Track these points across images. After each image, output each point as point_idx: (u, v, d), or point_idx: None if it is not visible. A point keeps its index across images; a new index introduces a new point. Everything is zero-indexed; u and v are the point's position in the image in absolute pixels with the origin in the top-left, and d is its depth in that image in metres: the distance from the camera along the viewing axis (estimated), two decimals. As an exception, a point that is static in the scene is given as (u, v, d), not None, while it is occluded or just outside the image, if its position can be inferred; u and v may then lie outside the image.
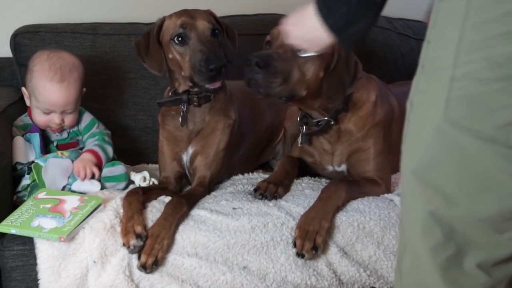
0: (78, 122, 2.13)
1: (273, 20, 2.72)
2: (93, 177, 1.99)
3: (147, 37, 1.95)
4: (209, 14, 1.96)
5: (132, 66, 2.44)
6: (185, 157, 2.04)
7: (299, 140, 2.02)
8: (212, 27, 1.90)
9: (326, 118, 1.93)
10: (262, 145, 2.32)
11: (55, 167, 1.96)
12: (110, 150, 2.11)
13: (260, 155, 2.35)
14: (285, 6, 2.86)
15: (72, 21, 2.49)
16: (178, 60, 1.89)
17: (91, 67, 2.36)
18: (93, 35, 2.43)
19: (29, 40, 2.36)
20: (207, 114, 2.00)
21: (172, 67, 1.94)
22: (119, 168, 2.07)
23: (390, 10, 3.00)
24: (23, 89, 2.13)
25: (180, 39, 1.87)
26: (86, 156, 2.02)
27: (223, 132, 2.02)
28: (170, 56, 1.91)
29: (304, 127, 1.99)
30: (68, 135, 2.12)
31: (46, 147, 2.07)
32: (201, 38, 1.86)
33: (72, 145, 2.13)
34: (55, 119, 2.04)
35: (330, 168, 2.07)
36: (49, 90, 2.00)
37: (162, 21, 1.95)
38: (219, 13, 2.67)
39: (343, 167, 2.05)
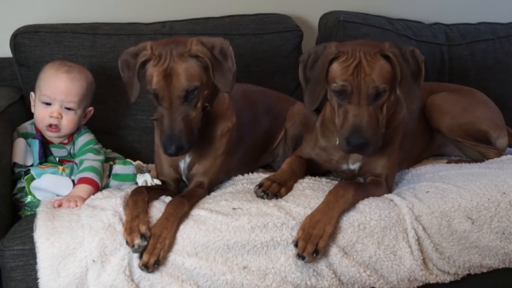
0: (74, 141, 2.09)
1: (273, 20, 2.74)
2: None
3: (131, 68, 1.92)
4: (195, 51, 1.82)
5: (132, 66, 2.44)
6: (182, 165, 2.03)
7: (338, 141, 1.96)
8: (187, 88, 1.81)
9: None
10: (260, 149, 2.31)
11: (49, 183, 1.93)
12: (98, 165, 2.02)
13: (258, 158, 2.34)
14: (285, 6, 2.87)
15: (72, 21, 2.49)
16: None
17: (91, 67, 2.36)
18: (93, 35, 2.43)
19: (29, 40, 2.36)
20: (204, 122, 1.95)
21: None
22: (130, 168, 2.06)
23: (390, 10, 3.02)
24: (32, 94, 2.12)
25: (154, 95, 1.84)
26: (84, 189, 1.92)
27: (221, 137, 2.01)
28: None
29: None
30: (68, 153, 2.09)
31: (46, 157, 2.05)
32: (172, 104, 1.81)
33: (73, 161, 2.07)
34: (53, 111, 2.02)
35: (344, 166, 2.07)
36: (54, 77, 2.04)
37: (144, 56, 1.86)
38: (219, 13, 2.69)
39: (356, 165, 2.06)
